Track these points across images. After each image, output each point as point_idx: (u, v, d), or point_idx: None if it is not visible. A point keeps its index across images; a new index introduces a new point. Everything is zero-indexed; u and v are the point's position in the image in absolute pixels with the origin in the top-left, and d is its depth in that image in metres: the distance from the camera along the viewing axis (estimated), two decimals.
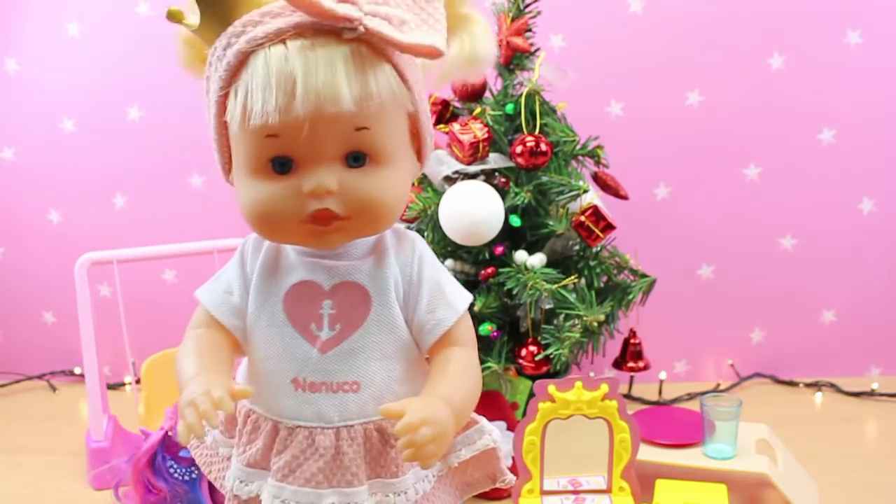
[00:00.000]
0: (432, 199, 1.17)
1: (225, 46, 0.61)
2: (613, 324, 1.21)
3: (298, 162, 0.62)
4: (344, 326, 0.67)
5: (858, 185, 1.50)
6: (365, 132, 0.62)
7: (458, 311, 0.69)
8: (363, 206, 0.63)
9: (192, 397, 0.59)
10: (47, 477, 1.25)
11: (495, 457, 0.76)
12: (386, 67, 0.61)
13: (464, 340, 0.70)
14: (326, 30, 0.59)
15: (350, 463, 0.67)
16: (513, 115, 1.19)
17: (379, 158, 0.64)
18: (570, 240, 1.22)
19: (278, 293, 0.68)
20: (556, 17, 1.34)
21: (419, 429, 0.59)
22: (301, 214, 0.63)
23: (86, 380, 1.23)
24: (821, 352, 1.56)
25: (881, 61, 1.45)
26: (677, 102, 1.48)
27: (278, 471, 0.67)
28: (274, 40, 0.59)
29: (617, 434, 0.95)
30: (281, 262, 0.70)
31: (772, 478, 0.97)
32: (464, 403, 0.67)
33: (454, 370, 0.68)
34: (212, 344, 0.69)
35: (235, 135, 0.63)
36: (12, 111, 1.57)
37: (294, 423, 0.68)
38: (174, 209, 1.57)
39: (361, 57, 0.60)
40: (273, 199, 0.63)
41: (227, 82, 0.61)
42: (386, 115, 0.63)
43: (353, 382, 0.67)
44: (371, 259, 0.69)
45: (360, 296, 0.68)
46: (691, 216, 1.52)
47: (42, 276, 1.63)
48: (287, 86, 0.58)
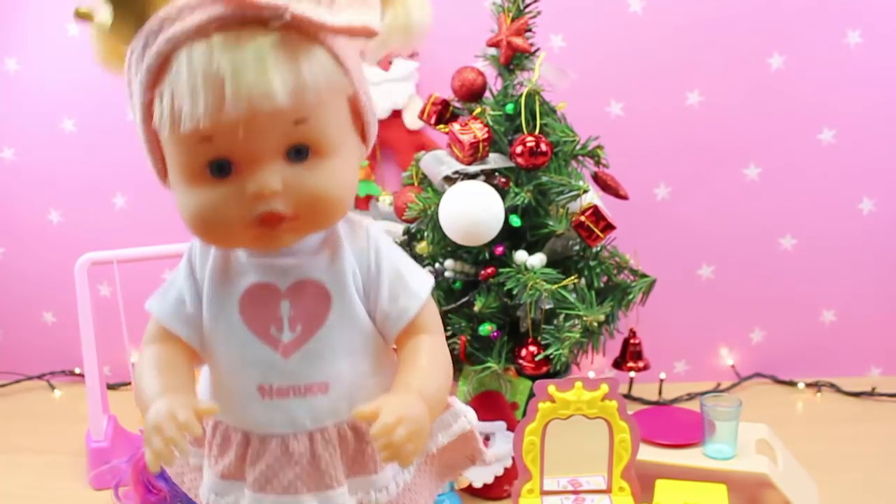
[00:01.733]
0: (432, 199, 1.17)
1: (143, 46, 0.57)
2: (613, 324, 1.21)
3: (237, 163, 0.59)
4: (305, 327, 0.65)
5: (858, 185, 1.50)
6: (304, 125, 0.58)
7: (420, 298, 0.67)
8: (311, 202, 0.60)
9: (158, 421, 0.56)
10: (47, 477, 1.25)
11: (472, 437, 0.75)
12: (319, 52, 0.57)
13: (429, 327, 0.68)
14: (251, 19, 0.55)
15: (327, 466, 0.65)
16: (513, 115, 1.19)
17: (322, 150, 0.60)
18: (570, 240, 1.22)
19: (233, 299, 0.65)
20: (556, 17, 1.34)
21: (395, 429, 0.57)
22: (246, 219, 0.59)
23: (86, 380, 1.23)
24: (821, 352, 1.56)
25: (881, 61, 1.45)
26: (677, 102, 1.48)
27: (255, 482, 0.65)
28: (195, 37, 0.55)
29: (617, 434, 0.95)
30: (231, 266, 0.66)
31: (772, 478, 0.97)
32: (437, 393, 0.66)
33: (424, 360, 0.66)
34: (170, 359, 0.66)
35: (166, 140, 0.60)
36: (12, 111, 1.57)
37: (265, 431, 0.66)
38: (174, 209, 1.56)
39: (292, 45, 0.55)
40: (214, 206, 0.59)
41: (151, 86, 0.57)
42: (324, 104, 0.59)
43: (321, 383, 0.65)
44: (325, 254, 0.65)
45: (318, 293, 0.65)
46: (691, 216, 1.52)
47: (42, 276, 1.63)
48: (215, 86, 0.54)
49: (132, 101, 0.60)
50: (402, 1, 0.62)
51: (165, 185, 0.66)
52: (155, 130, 0.59)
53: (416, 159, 1.25)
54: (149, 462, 0.56)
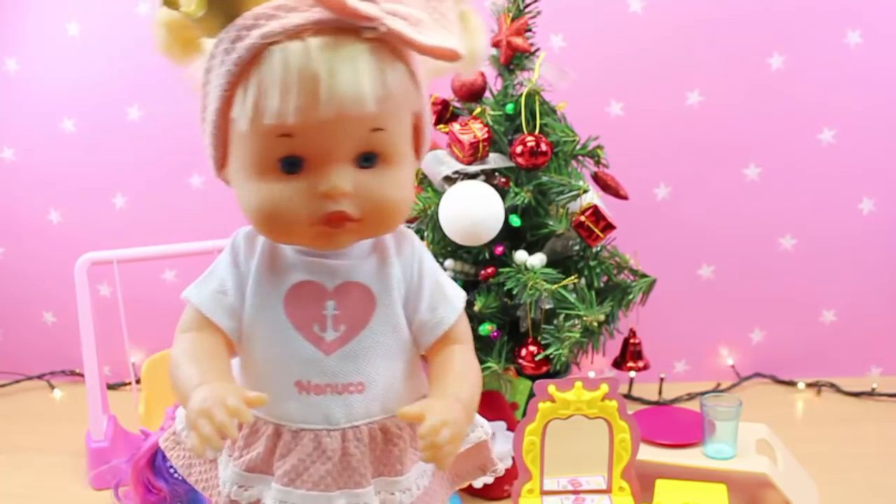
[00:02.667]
0: (432, 199, 1.17)
1: (234, 39, 0.59)
2: (613, 324, 1.21)
3: (309, 161, 0.61)
4: (348, 327, 0.67)
5: (858, 185, 1.50)
6: (380, 133, 0.61)
7: (458, 309, 0.70)
8: (377, 207, 0.63)
9: (206, 406, 0.56)
10: (47, 477, 1.25)
11: (486, 448, 0.77)
12: (400, 67, 0.60)
13: (463, 338, 0.70)
14: (346, 28, 0.57)
15: (358, 464, 0.66)
16: (513, 115, 1.19)
17: (389, 159, 0.63)
18: (570, 240, 1.22)
19: (278, 294, 0.67)
20: (556, 17, 1.34)
21: (440, 431, 0.59)
22: (314, 216, 0.61)
23: (86, 380, 1.23)
24: (821, 352, 1.56)
25: (881, 61, 1.45)
26: (677, 102, 1.48)
27: (284, 475, 0.66)
28: (292, 36, 0.57)
29: (617, 434, 0.95)
30: (279, 262, 0.68)
31: (772, 478, 0.97)
32: (472, 400, 0.68)
33: (459, 368, 0.68)
34: (209, 349, 0.66)
35: (242, 133, 0.61)
36: (12, 111, 1.57)
37: (298, 426, 0.67)
38: (174, 209, 1.57)
39: (380, 56, 0.58)
40: (283, 201, 0.61)
41: (237, 77, 0.59)
42: (399, 116, 0.63)
43: (358, 383, 0.67)
44: (374, 259, 0.68)
45: (364, 296, 0.67)
46: (691, 216, 1.52)
47: (42, 276, 1.63)
48: (309, 85, 0.56)
49: (207, 89, 0.63)
50: (469, 30, 0.65)
51: (219, 176, 0.67)
52: (227, 121, 0.62)
53: None
54: (195, 448, 0.56)
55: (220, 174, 0.68)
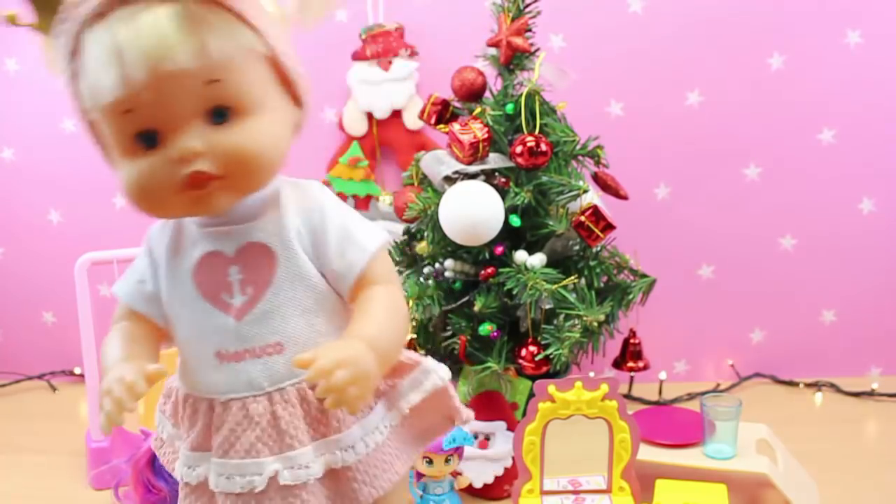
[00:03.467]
0: (432, 199, 1.17)
1: (58, 34, 0.60)
2: (613, 324, 1.21)
3: (163, 132, 0.60)
4: (255, 289, 0.66)
5: (858, 185, 1.50)
6: (217, 85, 0.60)
7: (369, 250, 0.67)
8: (236, 160, 0.61)
9: (108, 386, 0.59)
10: (47, 477, 1.25)
11: (447, 395, 0.74)
12: (224, 15, 0.60)
13: (383, 279, 0.68)
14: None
15: (287, 426, 0.65)
16: (513, 115, 1.19)
17: (242, 109, 0.61)
18: (570, 240, 1.22)
19: (186, 269, 0.67)
20: (556, 17, 1.34)
21: (334, 372, 0.57)
22: (175, 183, 0.61)
23: (86, 380, 1.23)
24: (821, 352, 1.56)
25: (881, 61, 1.45)
26: (677, 102, 1.49)
27: (218, 447, 0.66)
28: (98, 18, 0.58)
29: (617, 434, 0.95)
30: (184, 240, 0.68)
31: (772, 478, 0.97)
32: (388, 339, 0.65)
33: (373, 308, 0.65)
34: (132, 333, 0.69)
35: (97, 121, 0.62)
36: (12, 111, 1.58)
37: (226, 396, 0.66)
38: None
39: (192, 12, 0.58)
40: (146, 175, 0.61)
41: (71, 69, 0.61)
42: (235, 64, 0.60)
43: (275, 344, 0.66)
44: (267, 216, 0.67)
45: (264, 255, 0.66)
46: (691, 216, 1.52)
47: (42, 276, 1.63)
48: (118, 55, 0.57)
49: (67, 91, 0.64)
50: None
51: (114, 168, 0.68)
52: (86, 113, 0.63)
53: (416, 159, 1.26)
54: (101, 425, 0.59)
55: (113, 167, 0.68)
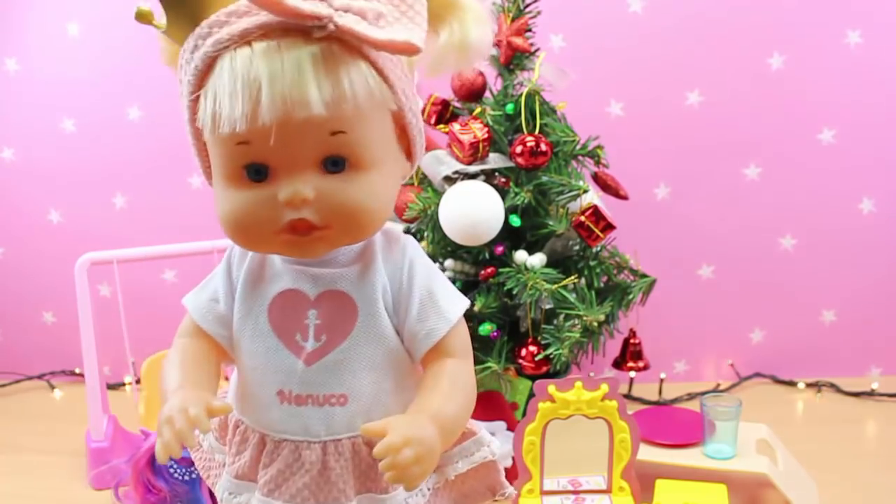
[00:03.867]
0: (432, 199, 1.17)
1: (192, 49, 0.58)
2: (613, 324, 1.21)
3: (274, 169, 0.59)
4: (330, 337, 0.65)
5: (858, 185, 1.50)
6: (341, 136, 0.59)
7: (450, 320, 0.65)
8: (342, 214, 0.60)
9: (170, 414, 0.57)
10: (47, 477, 1.25)
11: (494, 469, 0.73)
12: (362, 65, 0.57)
13: (457, 351, 0.66)
14: (295, 29, 0.56)
15: (337, 479, 0.65)
16: (513, 115, 1.19)
17: (359, 163, 0.60)
18: (570, 240, 1.22)
19: (263, 302, 0.66)
20: (556, 17, 1.34)
21: (402, 450, 0.56)
22: (277, 224, 0.59)
23: (86, 380, 1.23)
24: (821, 352, 1.56)
25: (881, 61, 1.45)
26: (677, 102, 1.48)
27: (265, 485, 0.65)
28: (239, 42, 0.56)
29: (617, 434, 0.94)
30: (266, 270, 0.67)
31: (772, 478, 0.96)
32: (454, 418, 0.64)
33: (444, 384, 0.64)
34: (196, 354, 0.67)
35: (208, 140, 0.61)
36: (12, 111, 1.58)
37: (280, 436, 0.66)
38: (174, 209, 1.57)
39: (333, 56, 0.56)
40: (248, 209, 0.60)
41: (196, 87, 0.58)
42: (364, 117, 0.59)
43: (340, 395, 0.65)
44: (357, 266, 0.65)
45: (346, 305, 0.65)
46: (691, 216, 1.52)
47: (42, 276, 1.63)
48: (252, 91, 0.55)
49: (181, 100, 0.62)
50: (459, 19, 0.62)
51: (211, 184, 0.66)
52: (199, 129, 0.61)
53: None
54: (157, 452, 0.56)
55: (210, 183, 0.67)
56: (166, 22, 0.59)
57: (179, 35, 0.59)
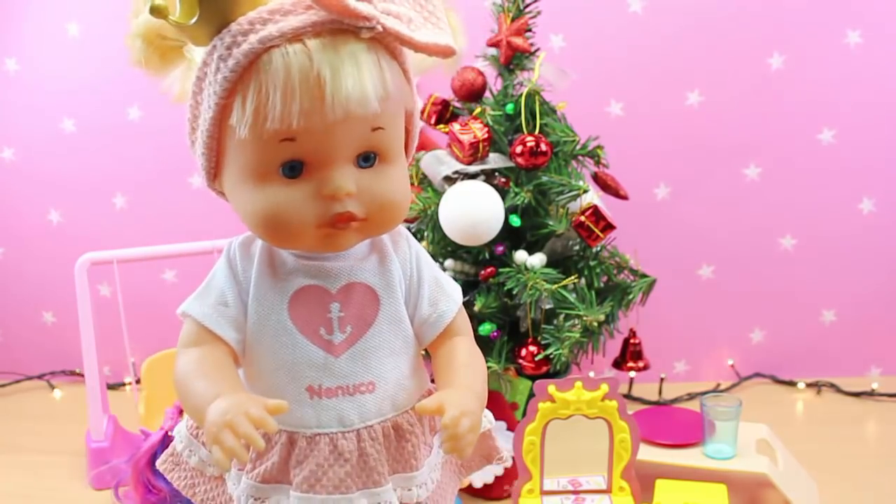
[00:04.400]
0: (432, 199, 1.17)
1: (230, 45, 0.57)
2: (613, 324, 1.21)
3: (310, 164, 0.60)
4: (355, 328, 0.67)
5: (858, 185, 1.50)
6: (380, 132, 0.62)
7: (457, 301, 0.71)
8: (380, 206, 0.63)
9: (228, 418, 0.55)
10: (47, 477, 1.25)
11: (490, 437, 0.78)
12: (396, 66, 0.61)
13: (464, 329, 0.72)
14: (343, 29, 0.57)
15: (375, 463, 0.67)
16: (513, 115, 1.19)
17: (387, 157, 0.63)
18: (570, 240, 1.22)
19: (282, 300, 0.66)
20: (556, 17, 1.34)
21: (461, 421, 0.60)
22: (321, 218, 0.61)
23: (86, 380, 1.23)
24: (821, 352, 1.56)
25: (881, 61, 1.45)
26: (677, 102, 1.49)
27: (303, 481, 0.65)
28: (291, 39, 0.56)
29: (617, 434, 0.95)
30: (279, 268, 0.67)
31: (772, 478, 0.97)
32: (482, 389, 0.69)
33: (465, 359, 0.70)
34: (216, 362, 0.65)
35: (241, 139, 0.59)
36: (12, 111, 1.58)
37: (313, 431, 0.66)
38: (174, 209, 1.57)
39: (378, 56, 0.59)
40: (287, 205, 0.60)
41: (234, 84, 0.58)
42: (396, 114, 0.63)
43: (368, 383, 0.67)
44: (374, 258, 0.69)
45: (368, 296, 0.68)
46: (691, 216, 1.52)
47: (42, 276, 1.63)
48: (313, 88, 0.56)
49: (199, 98, 0.61)
50: (456, 28, 0.65)
51: (212, 185, 0.67)
52: (222, 130, 0.61)
53: (416, 159, 1.25)
54: (219, 462, 0.55)
55: (212, 184, 0.67)
56: (197, 17, 0.57)
57: (205, 32, 0.59)
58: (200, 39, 0.59)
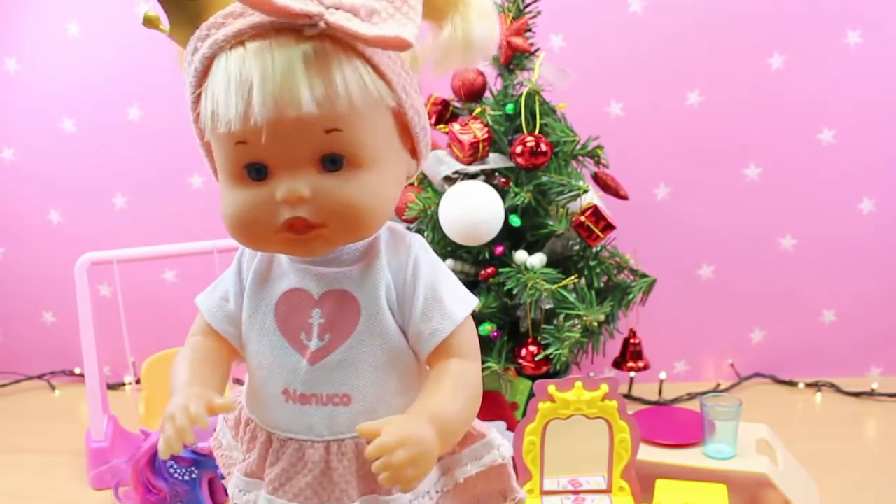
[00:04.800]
0: (432, 199, 1.17)
1: (192, 51, 0.59)
2: (613, 324, 1.21)
3: (273, 168, 0.59)
4: (333, 336, 0.64)
5: (858, 185, 1.50)
6: (337, 134, 0.58)
7: (455, 320, 0.64)
8: (338, 212, 0.59)
9: (172, 411, 0.58)
10: (47, 477, 1.25)
11: (505, 473, 0.72)
12: (356, 63, 0.57)
13: (462, 351, 0.65)
14: (287, 28, 0.56)
15: (339, 479, 0.64)
16: (513, 115, 1.19)
17: (357, 161, 0.59)
18: (570, 240, 1.22)
19: (270, 301, 0.66)
20: (556, 17, 1.34)
21: (395, 451, 0.55)
22: (275, 223, 0.59)
23: (86, 380, 1.23)
24: (821, 352, 1.56)
25: (881, 61, 1.45)
26: (677, 102, 1.48)
27: (270, 483, 0.66)
28: (234, 43, 0.56)
29: (617, 434, 0.95)
30: (273, 269, 0.67)
31: (772, 478, 0.97)
32: (456, 420, 0.62)
33: (446, 385, 0.63)
34: (206, 352, 0.67)
35: (210, 140, 0.62)
36: (12, 111, 1.58)
37: (285, 434, 0.66)
38: (174, 209, 1.57)
39: (325, 54, 0.56)
40: (247, 207, 0.60)
41: (197, 88, 0.59)
42: (360, 115, 0.58)
43: (343, 395, 0.64)
44: (361, 265, 0.65)
45: (349, 304, 0.64)
46: (691, 216, 1.52)
47: (42, 276, 1.63)
48: (244, 90, 0.55)
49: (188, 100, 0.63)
50: (461, 15, 0.62)
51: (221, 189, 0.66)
52: (202, 130, 0.61)
53: None
54: (160, 448, 0.57)
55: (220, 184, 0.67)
56: (169, 25, 0.60)
57: (183, 37, 0.60)
58: (183, 44, 0.61)
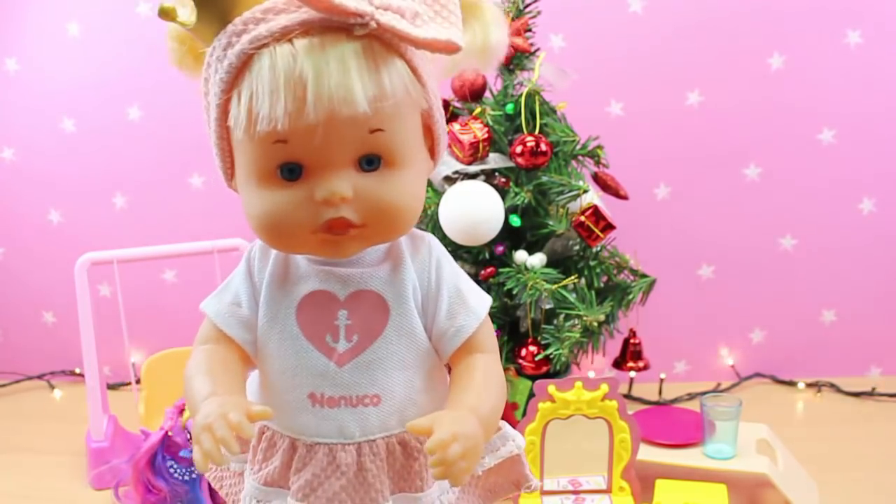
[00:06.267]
0: (432, 199, 1.17)
1: (225, 46, 0.57)
2: (613, 324, 1.21)
3: (308, 168, 0.58)
4: (361, 337, 0.64)
5: (858, 185, 1.50)
6: (379, 134, 0.58)
7: (479, 316, 0.66)
8: (380, 212, 0.60)
9: (208, 421, 0.55)
10: (47, 477, 1.25)
11: (519, 462, 0.73)
12: (399, 64, 0.57)
13: (486, 346, 0.67)
14: (335, 27, 0.55)
15: (374, 480, 0.64)
16: (513, 115, 1.19)
17: (393, 161, 0.60)
18: (570, 240, 1.22)
19: (290, 304, 0.65)
20: (556, 17, 1.34)
21: (450, 445, 0.55)
22: (314, 224, 0.59)
23: (86, 380, 1.23)
24: (821, 352, 1.56)
25: (881, 61, 1.45)
26: (677, 102, 1.49)
27: (298, 490, 0.64)
28: (280, 39, 0.55)
29: (617, 434, 0.95)
30: (291, 271, 0.66)
31: (772, 478, 0.97)
32: (491, 413, 0.64)
33: (479, 379, 0.64)
34: (222, 361, 0.65)
35: (240, 140, 0.59)
36: (12, 111, 1.58)
37: (313, 440, 0.65)
38: (174, 209, 1.57)
39: (374, 54, 0.56)
40: (283, 209, 0.59)
41: (230, 85, 0.57)
42: (401, 115, 0.59)
43: (373, 395, 0.64)
44: (387, 265, 0.65)
45: (377, 305, 0.64)
46: (691, 216, 1.52)
47: (42, 276, 1.63)
48: (297, 89, 0.54)
49: (207, 99, 0.61)
50: (482, 21, 0.63)
51: (230, 186, 0.66)
52: (227, 130, 0.60)
53: None
54: (197, 461, 0.55)
55: (230, 184, 0.66)
56: (195, 19, 0.58)
57: (207, 33, 0.59)
58: (206, 40, 0.59)
